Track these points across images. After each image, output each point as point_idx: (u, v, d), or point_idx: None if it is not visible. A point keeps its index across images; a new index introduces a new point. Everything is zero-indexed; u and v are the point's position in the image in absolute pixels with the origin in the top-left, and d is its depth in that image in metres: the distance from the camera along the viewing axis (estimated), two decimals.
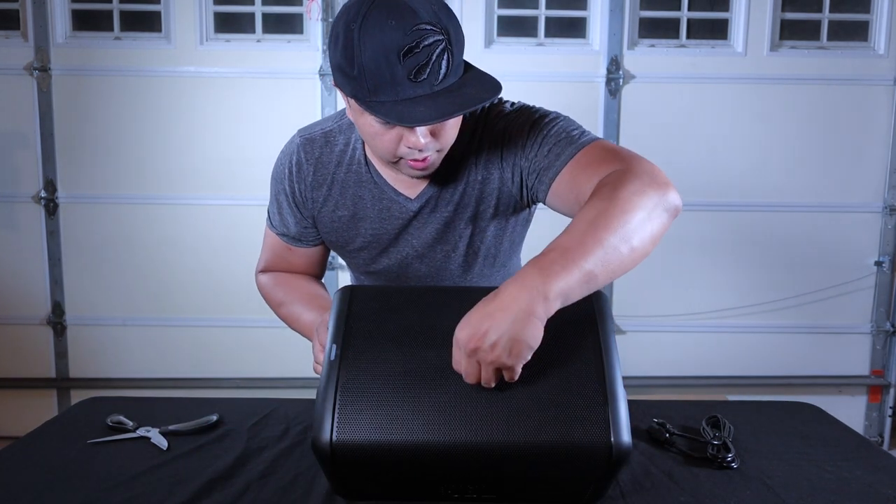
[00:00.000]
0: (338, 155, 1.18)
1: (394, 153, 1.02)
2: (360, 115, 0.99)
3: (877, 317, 2.94)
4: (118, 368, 2.94)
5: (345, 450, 0.84)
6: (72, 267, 2.89)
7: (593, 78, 2.80)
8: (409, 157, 1.01)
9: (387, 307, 0.96)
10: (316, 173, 1.19)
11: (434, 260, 1.21)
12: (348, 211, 1.19)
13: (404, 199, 1.16)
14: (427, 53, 0.90)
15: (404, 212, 1.17)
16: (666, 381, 2.96)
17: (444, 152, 1.05)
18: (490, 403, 0.86)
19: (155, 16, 2.80)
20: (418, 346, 0.91)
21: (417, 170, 1.04)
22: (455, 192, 1.15)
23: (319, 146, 1.19)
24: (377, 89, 0.92)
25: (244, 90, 2.79)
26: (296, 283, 1.31)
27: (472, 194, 1.15)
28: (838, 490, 0.97)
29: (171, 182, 2.83)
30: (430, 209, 1.16)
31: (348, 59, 0.92)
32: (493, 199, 1.15)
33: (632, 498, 0.94)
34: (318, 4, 2.72)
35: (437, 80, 0.92)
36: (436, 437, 0.84)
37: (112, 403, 1.31)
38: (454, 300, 0.93)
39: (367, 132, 1.01)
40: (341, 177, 1.18)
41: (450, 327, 0.87)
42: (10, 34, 2.80)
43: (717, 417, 1.17)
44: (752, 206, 2.87)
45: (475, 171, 1.14)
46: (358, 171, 1.17)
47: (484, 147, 1.13)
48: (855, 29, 2.85)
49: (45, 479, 1.00)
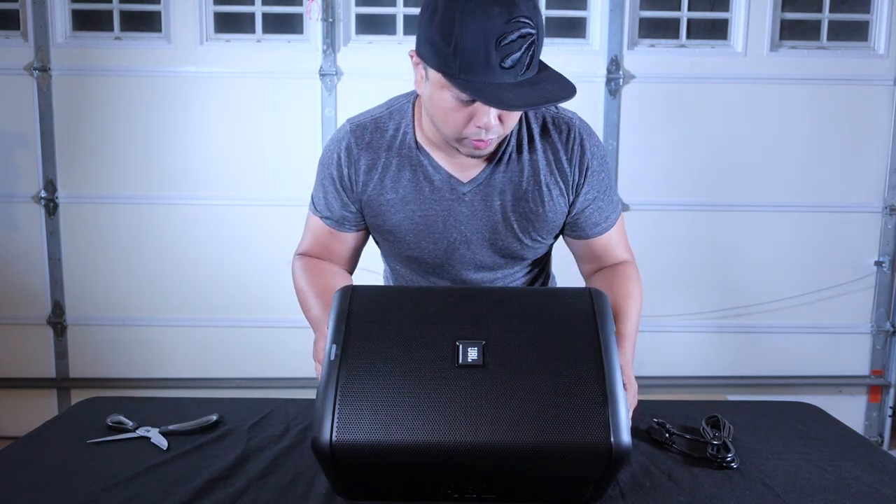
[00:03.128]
0: (388, 139, 1.21)
1: (461, 131, 1.07)
2: (438, 89, 1.04)
3: (877, 317, 2.94)
4: (118, 368, 2.94)
5: (345, 450, 0.84)
6: (72, 267, 2.89)
7: (593, 78, 2.79)
8: (475, 136, 1.07)
9: (387, 307, 0.96)
10: (367, 157, 1.21)
11: (480, 249, 1.24)
12: (398, 193, 1.21)
13: (456, 182, 1.20)
14: (520, 44, 0.97)
15: (455, 193, 1.20)
16: (666, 381, 2.96)
17: (502, 137, 1.12)
18: (491, 404, 0.86)
19: (155, 16, 2.80)
20: (418, 347, 0.91)
21: (479, 150, 1.10)
22: (511, 183, 1.20)
23: (370, 131, 1.22)
24: (469, 69, 0.98)
25: (244, 90, 2.79)
26: (320, 273, 1.28)
27: (531, 192, 1.20)
28: (838, 490, 0.97)
29: (171, 182, 2.83)
30: (482, 196, 1.20)
31: (444, 35, 0.97)
32: (548, 206, 1.22)
33: (632, 498, 0.94)
34: (318, 4, 2.72)
35: (522, 70, 0.99)
36: (436, 437, 0.84)
37: (112, 403, 1.31)
38: (454, 300, 0.92)
39: (440, 107, 1.06)
40: (393, 160, 1.21)
41: (448, 328, 0.87)
42: (10, 34, 2.80)
43: (717, 417, 1.17)
44: (752, 205, 2.87)
45: (529, 168, 1.20)
46: (409, 154, 1.20)
47: (542, 149, 1.20)
48: (855, 29, 2.85)
49: (45, 479, 1.00)
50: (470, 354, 0.89)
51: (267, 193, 2.79)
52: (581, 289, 1.00)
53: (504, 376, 0.88)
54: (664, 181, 2.86)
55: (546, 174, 1.20)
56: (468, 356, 0.89)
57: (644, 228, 2.87)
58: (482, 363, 0.89)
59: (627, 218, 2.84)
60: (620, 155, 2.83)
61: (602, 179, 1.24)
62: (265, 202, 2.80)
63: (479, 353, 0.89)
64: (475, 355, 0.89)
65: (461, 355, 0.89)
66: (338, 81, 2.78)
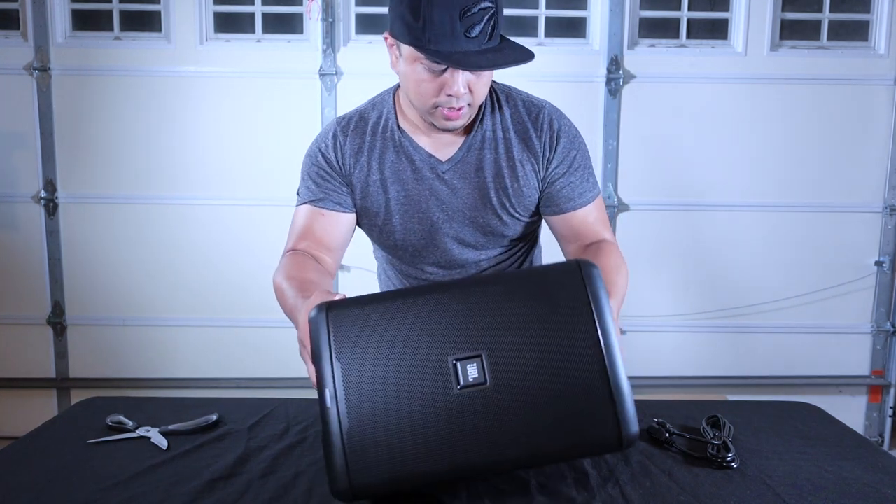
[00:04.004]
0: (372, 126, 1.30)
1: (433, 101, 1.15)
2: (411, 63, 1.14)
3: (877, 317, 2.94)
4: (118, 368, 2.94)
5: (365, 491, 0.86)
6: (72, 267, 2.89)
7: (593, 78, 2.80)
8: (446, 105, 1.15)
9: (368, 328, 0.91)
10: (352, 143, 1.29)
11: (462, 227, 1.29)
12: (383, 174, 1.28)
13: (435, 161, 1.27)
14: (481, 16, 1.08)
15: (435, 172, 1.27)
16: (666, 381, 2.96)
17: (474, 108, 1.19)
18: (500, 423, 0.86)
19: (155, 16, 2.80)
20: (414, 372, 0.88)
21: (451, 120, 1.17)
22: (485, 160, 1.27)
23: (354, 122, 1.31)
24: (437, 40, 1.08)
25: (244, 90, 2.79)
26: (297, 267, 1.26)
27: (505, 168, 1.27)
28: (838, 490, 0.97)
29: (171, 182, 2.83)
30: (460, 174, 1.27)
31: (414, 11, 1.08)
32: (522, 180, 1.27)
33: (632, 497, 0.94)
34: (318, 4, 2.72)
35: (485, 40, 1.10)
36: (451, 461, 0.86)
37: (112, 403, 1.31)
38: (431, 311, 0.90)
39: (413, 79, 1.15)
40: (376, 144, 1.29)
41: (439, 343, 0.87)
42: (10, 34, 2.80)
43: (717, 417, 1.17)
44: (752, 205, 2.87)
45: (503, 147, 1.27)
46: (392, 137, 1.28)
47: (514, 129, 1.27)
48: (855, 29, 2.85)
49: (45, 479, 1.00)
50: (470, 374, 0.88)
51: (267, 193, 2.79)
52: (570, 264, 0.97)
53: (508, 392, 0.87)
54: (664, 181, 2.86)
55: (518, 151, 1.27)
56: (468, 376, 0.88)
57: (644, 228, 2.87)
58: (483, 380, 0.88)
59: (627, 218, 2.88)
60: (620, 155, 2.83)
61: (574, 157, 1.29)
62: (265, 202, 2.80)
63: (478, 370, 0.88)
64: (475, 374, 0.88)
65: (461, 376, 0.88)
66: (338, 81, 2.78)
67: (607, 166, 2.83)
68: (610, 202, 2.84)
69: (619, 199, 2.85)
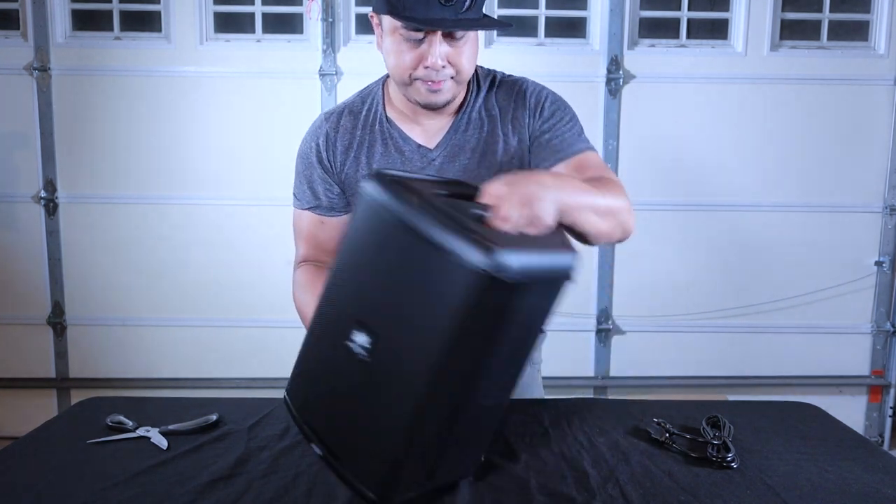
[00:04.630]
0: (361, 120, 1.29)
1: (411, 72, 1.14)
2: (390, 34, 1.14)
3: (877, 317, 2.94)
4: (118, 368, 2.94)
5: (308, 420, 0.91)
6: (72, 267, 2.89)
7: (593, 78, 2.79)
8: (426, 78, 1.14)
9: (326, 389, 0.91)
10: (343, 139, 1.28)
11: None
12: (370, 169, 1.26)
13: (424, 150, 1.25)
14: None
15: (425, 161, 1.25)
16: (666, 381, 2.96)
17: (458, 83, 1.17)
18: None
19: (155, 16, 2.80)
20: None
21: (433, 93, 1.16)
22: (471, 140, 1.25)
23: (344, 116, 1.30)
24: (412, 7, 1.08)
25: (244, 90, 2.79)
26: (314, 284, 1.24)
27: (491, 145, 1.24)
28: (838, 490, 0.97)
29: (171, 182, 2.83)
30: (450, 158, 1.25)
31: None
32: (510, 154, 1.25)
33: (632, 497, 0.94)
34: (318, 4, 2.72)
35: (462, 8, 1.08)
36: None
37: (112, 403, 1.31)
38: (369, 379, 0.85)
39: (393, 51, 1.14)
40: (366, 137, 1.28)
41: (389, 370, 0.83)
42: (10, 34, 2.80)
43: (717, 417, 1.17)
44: (753, 205, 2.87)
45: (488, 125, 1.25)
46: (380, 129, 1.27)
47: (498, 106, 1.26)
48: (855, 29, 2.85)
49: (45, 479, 1.00)
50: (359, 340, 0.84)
51: (266, 193, 2.79)
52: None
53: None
54: (664, 181, 2.86)
55: (503, 125, 1.25)
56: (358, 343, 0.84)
57: (644, 228, 2.85)
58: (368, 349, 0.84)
59: None
60: (620, 155, 2.83)
61: (559, 114, 1.25)
62: (265, 202, 2.80)
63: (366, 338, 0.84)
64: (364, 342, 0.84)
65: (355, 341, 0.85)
66: (338, 81, 2.78)
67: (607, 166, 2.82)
68: None
69: None
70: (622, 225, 1.08)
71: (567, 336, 2.89)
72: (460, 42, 1.13)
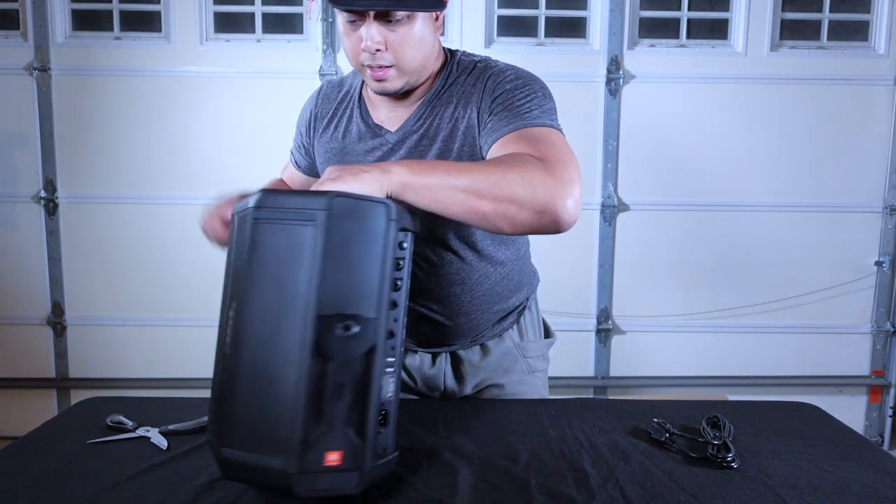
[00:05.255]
0: (343, 94, 1.32)
1: (357, 60, 1.15)
2: (340, 24, 1.14)
3: (877, 317, 2.94)
4: (118, 368, 2.94)
5: None
6: (72, 267, 2.89)
7: (593, 78, 2.80)
8: (367, 62, 1.13)
9: None
10: (324, 105, 1.33)
11: None
12: (339, 144, 1.29)
13: (384, 132, 1.25)
14: None
15: (384, 143, 1.25)
16: (666, 381, 2.96)
17: (403, 73, 1.14)
18: None
19: (155, 16, 2.80)
20: None
21: (377, 81, 1.15)
22: (433, 129, 1.21)
23: (334, 86, 1.35)
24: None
25: (244, 90, 2.79)
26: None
27: (453, 137, 1.19)
28: (838, 490, 0.97)
29: (171, 182, 2.84)
30: (410, 145, 1.22)
31: None
32: (462, 141, 1.19)
33: (632, 498, 0.94)
34: (318, 4, 2.72)
35: None
36: None
37: (112, 403, 1.31)
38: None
39: (341, 34, 1.16)
40: (340, 112, 1.31)
41: None
42: (10, 34, 2.80)
43: (717, 417, 1.17)
44: (753, 205, 2.87)
45: (448, 111, 1.20)
46: (352, 107, 1.29)
47: (457, 92, 1.21)
48: (855, 29, 2.85)
49: (45, 479, 1.00)
50: None
51: None
52: None
53: None
54: (664, 181, 2.86)
55: (459, 109, 1.19)
56: None
57: (644, 228, 2.87)
58: None
59: (627, 218, 2.87)
60: (620, 155, 2.83)
61: (520, 91, 1.14)
62: None
63: None
64: None
65: None
66: None
67: (607, 166, 2.83)
68: (610, 202, 2.84)
69: (618, 199, 2.86)
70: (517, 209, 0.94)
71: (567, 336, 2.88)
72: (397, 26, 1.09)
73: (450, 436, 1.12)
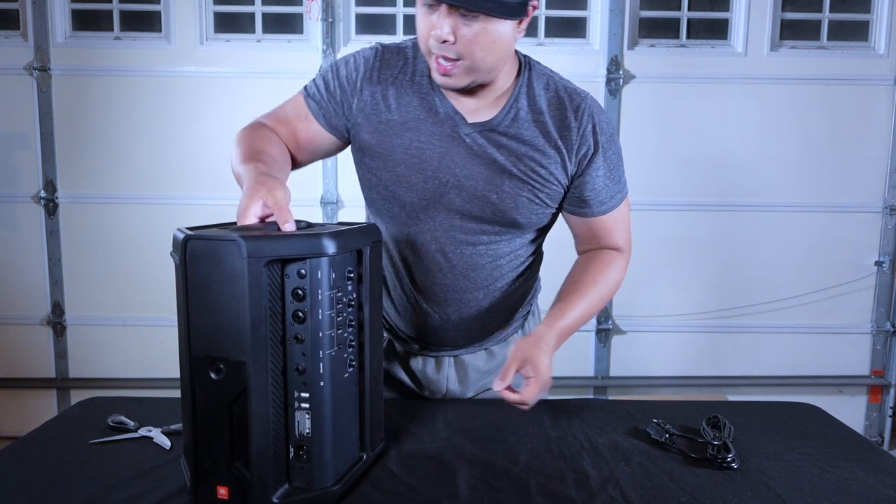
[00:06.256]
0: (403, 62, 1.22)
1: (426, 42, 1.10)
2: (418, 4, 1.09)
3: (877, 317, 2.94)
4: (118, 368, 2.94)
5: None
6: (72, 267, 2.89)
7: (593, 78, 2.80)
8: (436, 51, 1.09)
9: None
10: (380, 70, 1.21)
11: (471, 199, 1.19)
12: (399, 116, 1.19)
13: (460, 119, 1.18)
14: None
15: (455, 131, 1.18)
16: (666, 381, 2.96)
17: (471, 71, 1.10)
18: None
19: (155, 16, 2.80)
20: None
21: (442, 74, 1.10)
22: (514, 136, 1.18)
23: (391, 52, 1.23)
24: None
25: (244, 90, 2.79)
26: (259, 137, 1.27)
27: (531, 145, 1.18)
28: (839, 490, 0.97)
29: (171, 182, 2.84)
30: (483, 141, 1.18)
31: None
32: (545, 165, 1.19)
33: (632, 498, 0.94)
34: (318, 4, 2.72)
35: None
36: None
37: (112, 403, 1.31)
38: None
39: (418, 20, 1.11)
40: (402, 82, 1.20)
41: None
42: (10, 34, 2.80)
43: (717, 417, 1.17)
44: (753, 206, 2.87)
45: (535, 129, 1.19)
46: (420, 82, 1.20)
47: (550, 115, 1.19)
48: (855, 29, 2.85)
49: (45, 479, 1.00)
50: None
51: None
52: None
53: None
54: (664, 181, 2.87)
55: (552, 137, 1.18)
56: None
57: (644, 228, 2.86)
58: None
59: None
60: None
61: (609, 157, 1.23)
62: None
63: None
64: None
65: None
66: None
67: None
68: None
69: None
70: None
71: None
72: (473, 21, 1.05)
73: (450, 437, 1.12)
